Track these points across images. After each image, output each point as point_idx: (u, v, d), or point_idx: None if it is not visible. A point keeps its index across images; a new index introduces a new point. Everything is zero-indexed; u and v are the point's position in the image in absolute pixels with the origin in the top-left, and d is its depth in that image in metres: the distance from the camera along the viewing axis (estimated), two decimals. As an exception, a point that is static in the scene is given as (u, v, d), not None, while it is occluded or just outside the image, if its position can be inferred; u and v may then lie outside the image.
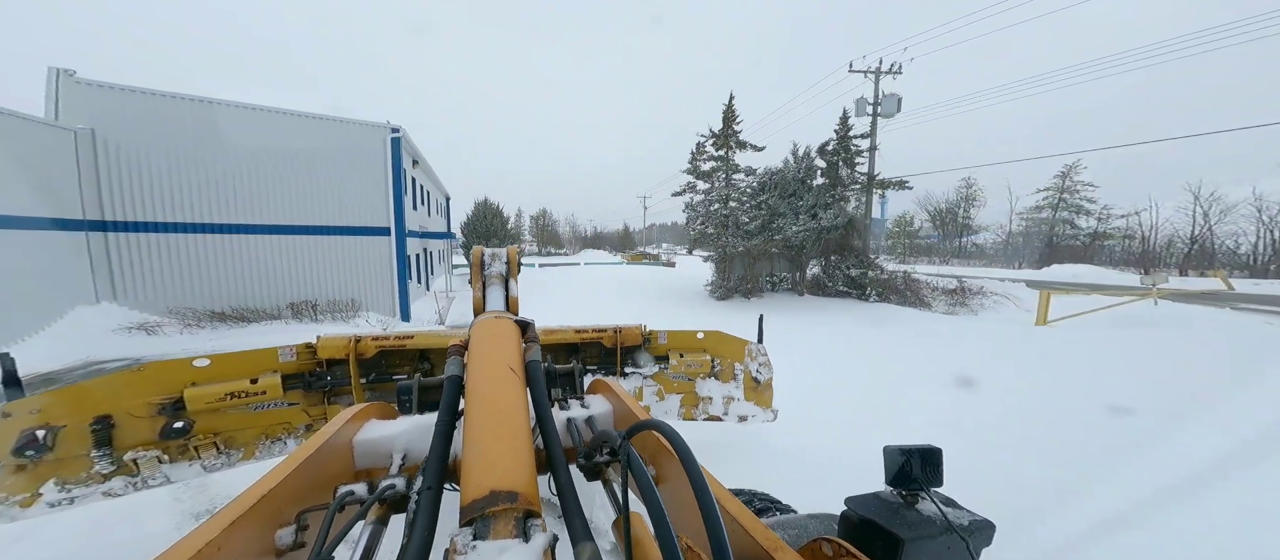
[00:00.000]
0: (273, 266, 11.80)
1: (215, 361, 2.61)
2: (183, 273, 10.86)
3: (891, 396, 6.09)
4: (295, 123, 11.89)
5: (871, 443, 1.26)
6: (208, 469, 2.59)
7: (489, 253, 3.03)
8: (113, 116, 9.95)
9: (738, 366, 3.56)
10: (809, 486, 2.42)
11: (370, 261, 13.35)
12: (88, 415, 2.30)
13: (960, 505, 0.90)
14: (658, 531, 0.63)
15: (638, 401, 1.43)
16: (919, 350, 8.80)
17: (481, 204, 34.48)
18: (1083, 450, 4.28)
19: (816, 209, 15.18)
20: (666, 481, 0.98)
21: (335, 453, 1.05)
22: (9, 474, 2.13)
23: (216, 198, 11.05)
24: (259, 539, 0.75)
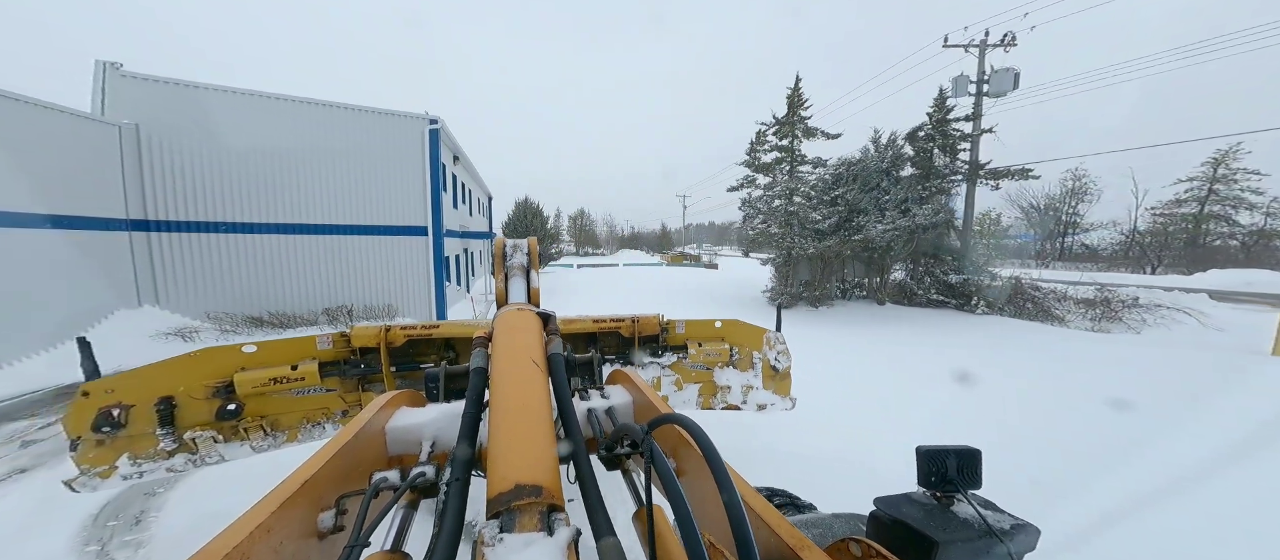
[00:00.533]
0: (308, 269, 11.27)
1: (261, 348, 2.74)
2: (220, 276, 10.47)
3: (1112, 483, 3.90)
4: (331, 114, 11.28)
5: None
6: (256, 449, 2.73)
7: (510, 244, 3.26)
8: (156, 111, 9.62)
9: (756, 355, 3.48)
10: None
11: (406, 263, 12.58)
12: (153, 396, 2.47)
13: (1000, 508, 0.84)
14: (681, 527, 0.61)
15: (656, 391, 1.40)
16: (1077, 384, 6.45)
17: (522, 203, 34.17)
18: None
19: (908, 203, 12.64)
20: (686, 475, 0.96)
21: (370, 439, 1.09)
22: (90, 448, 2.34)
23: (253, 196, 10.60)
24: (304, 521, 0.79)
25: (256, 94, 10.49)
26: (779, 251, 14.56)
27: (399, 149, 12.24)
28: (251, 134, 10.39)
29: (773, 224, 14.36)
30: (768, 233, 14.71)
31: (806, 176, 15.26)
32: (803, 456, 4.26)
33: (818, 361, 7.92)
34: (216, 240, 10.28)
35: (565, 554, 0.62)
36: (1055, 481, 3.94)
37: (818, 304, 14.86)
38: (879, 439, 4.71)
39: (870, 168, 13.16)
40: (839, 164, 13.91)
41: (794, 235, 13.96)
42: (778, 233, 14.07)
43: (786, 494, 1.95)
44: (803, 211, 13.98)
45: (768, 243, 14.99)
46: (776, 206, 15.23)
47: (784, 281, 15.30)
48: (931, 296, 13.52)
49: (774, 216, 14.82)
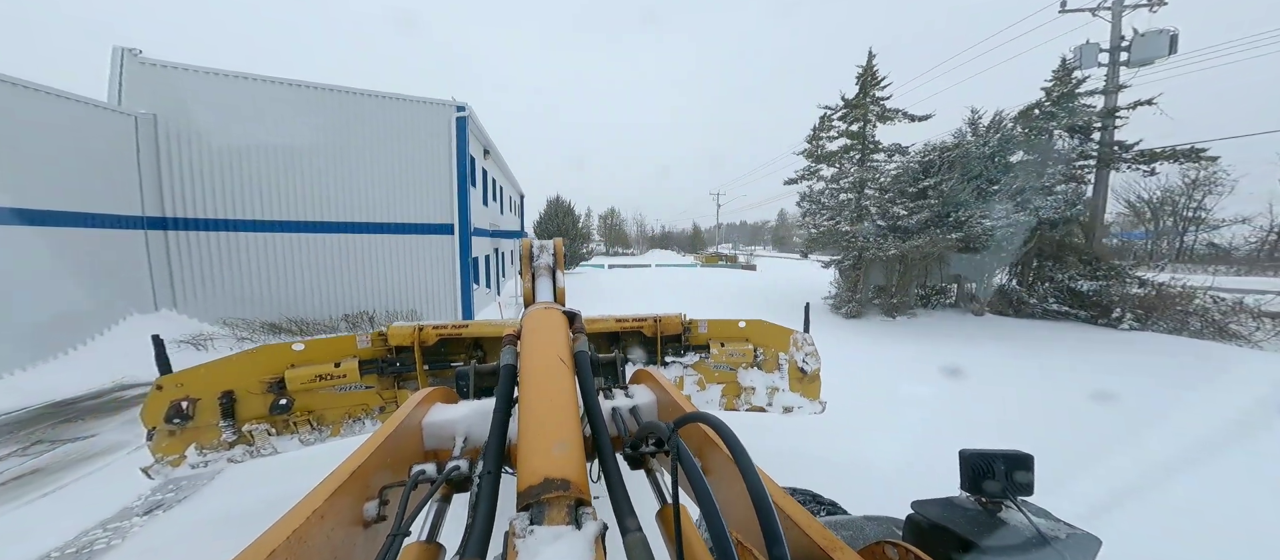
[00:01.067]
0: (326, 271, 10.39)
1: (308, 346, 2.87)
2: (236, 278, 9.68)
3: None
4: (353, 103, 10.36)
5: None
6: (304, 442, 2.88)
7: (537, 244, 3.46)
8: (175, 101, 8.93)
9: (782, 356, 3.37)
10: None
11: (430, 264, 11.53)
12: (217, 390, 2.66)
13: (1055, 516, 0.79)
14: (709, 524, 0.61)
15: (679, 390, 1.40)
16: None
17: (553, 202, 33.31)
18: None
19: (1026, 194, 10.18)
20: (711, 474, 0.96)
21: (408, 433, 1.14)
22: (164, 438, 2.56)
23: (270, 191, 9.74)
24: (351, 509, 0.82)
25: (277, 81, 9.71)
26: (848, 252, 12.39)
27: (424, 140, 11.20)
28: (271, 125, 9.62)
29: (842, 220, 12.21)
30: (835, 231, 12.57)
31: (881, 165, 12.97)
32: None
33: (911, 400, 6.11)
34: (233, 239, 9.56)
35: (592, 547, 0.64)
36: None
37: (895, 313, 12.55)
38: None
39: (972, 154, 10.76)
40: (929, 150, 11.57)
41: (869, 233, 11.76)
42: (849, 231, 11.91)
43: (807, 492, 1.86)
44: (880, 205, 11.75)
45: (834, 242, 12.84)
46: (845, 200, 13.04)
47: (851, 286, 13.08)
48: (1049, 306, 10.93)
49: (843, 212, 12.65)
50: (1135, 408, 5.77)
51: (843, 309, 13.01)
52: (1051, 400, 6.06)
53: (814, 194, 13.84)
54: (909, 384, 6.96)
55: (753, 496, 0.59)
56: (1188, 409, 5.79)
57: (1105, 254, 10.90)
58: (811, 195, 13.85)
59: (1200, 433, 4.98)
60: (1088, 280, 10.36)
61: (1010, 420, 5.43)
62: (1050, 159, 10.91)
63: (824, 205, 13.29)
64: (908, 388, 6.77)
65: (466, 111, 11.66)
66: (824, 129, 13.90)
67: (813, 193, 13.89)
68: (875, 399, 6.13)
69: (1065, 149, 10.90)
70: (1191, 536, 3.16)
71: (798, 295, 17.99)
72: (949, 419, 5.52)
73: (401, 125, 10.93)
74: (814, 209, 13.70)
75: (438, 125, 11.35)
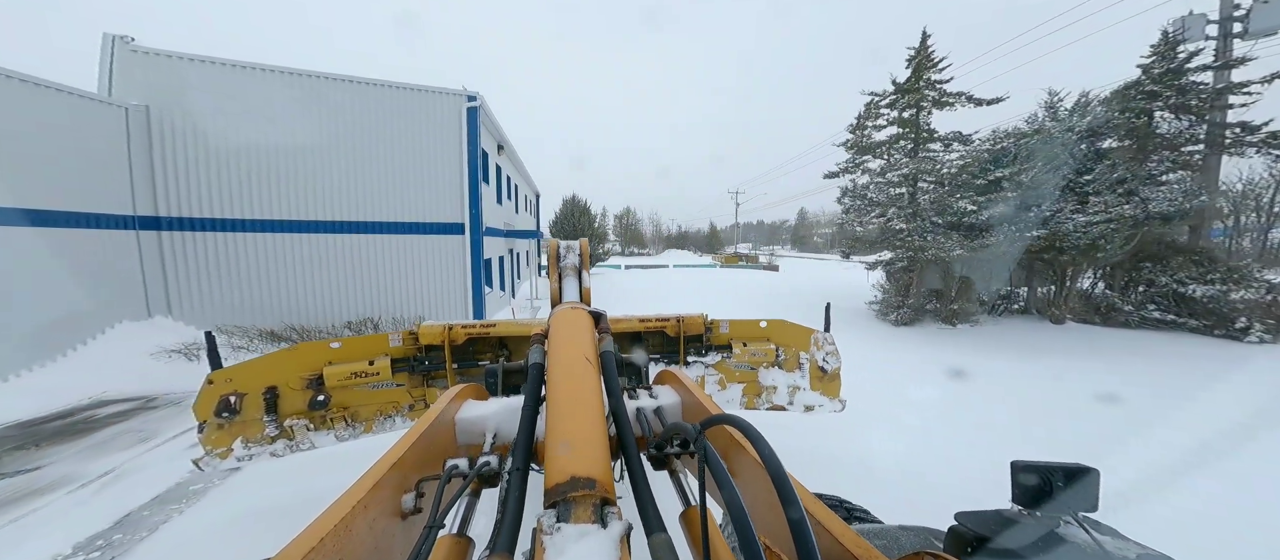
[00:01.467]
0: (330, 274, 9.64)
1: (345, 344, 2.94)
2: (235, 282, 8.96)
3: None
4: (357, 93, 9.59)
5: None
6: (339, 438, 2.95)
7: (563, 245, 3.48)
8: (168, 91, 8.21)
9: (803, 356, 3.37)
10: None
11: (440, 266, 10.69)
12: (262, 385, 2.75)
13: (1123, 534, 0.75)
14: (737, 528, 0.60)
15: (702, 390, 1.36)
16: None
17: (569, 201, 32.54)
18: None
19: (1129, 184, 8.65)
20: (737, 478, 0.93)
21: (442, 428, 1.16)
22: (213, 431, 2.65)
23: (269, 188, 8.96)
24: (391, 501, 0.84)
25: (277, 70, 8.99)
26: (901, 252, 10.97)
27: (433, 132, 10.36)
28: (270, 117, 8.92)
29: (896, 217, 10.81)
30: (886, 229, 11.16)
31: (938, 156, 11.49)
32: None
33: (999, 441, 4.76)
34: (230, 240, 8.88)
35: (617, 547, 0.64)
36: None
37: (955, 320, 11.07)
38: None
39: (1056, 140, 9.23)
40: (1000, 137, 10.06)
41: (924, 231, 10.33)
42: (903, 228, 10.50)
43: (835, 498, 1.78)
44: (939, 200, 10.31)
45: (885, 241, 11.43)
46: (897, 195, 11.61)
47: (903, 290, 11.65)
48: (1147, 314, 9.32)
49: (895, 207, 11.24)
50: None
51: (892, 315, 11.59)
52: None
53: (858, 189, 12.43)
54: (1051, 420, 5.40)
55: (783, 501, 0.56)
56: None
57: (1217, 254, 9.23)
58: (855, 190, 12.44)
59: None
60: (1199, 284, 8.71)
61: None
62: (1152, 144, 9.29)
63: (871, 201, 11.87)
64: (1044, 428, 5.25)
65: (478, 102, 10.78)
66: (870, 117, 12.48)
67: (857, 187, 12.48)
68: (991, 441, 4.81)
69: (1171, 132, 9.25)
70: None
71: (832, 299, 16.52)
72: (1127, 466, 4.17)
73: (409, 117, 10.12)
74: (859, 205, 12.30)
75: (447, 116, 10.50)
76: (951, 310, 11.09)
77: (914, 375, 7.50)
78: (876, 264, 12.43)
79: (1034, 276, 11.48)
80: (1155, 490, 3.76)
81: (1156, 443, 4.77)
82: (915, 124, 11.69)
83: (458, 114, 10.58)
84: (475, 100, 10.79)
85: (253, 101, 8.84)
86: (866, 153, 12.60)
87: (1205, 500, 3.54)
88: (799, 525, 0.55)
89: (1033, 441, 4.89)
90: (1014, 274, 11.18)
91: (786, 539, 0.56)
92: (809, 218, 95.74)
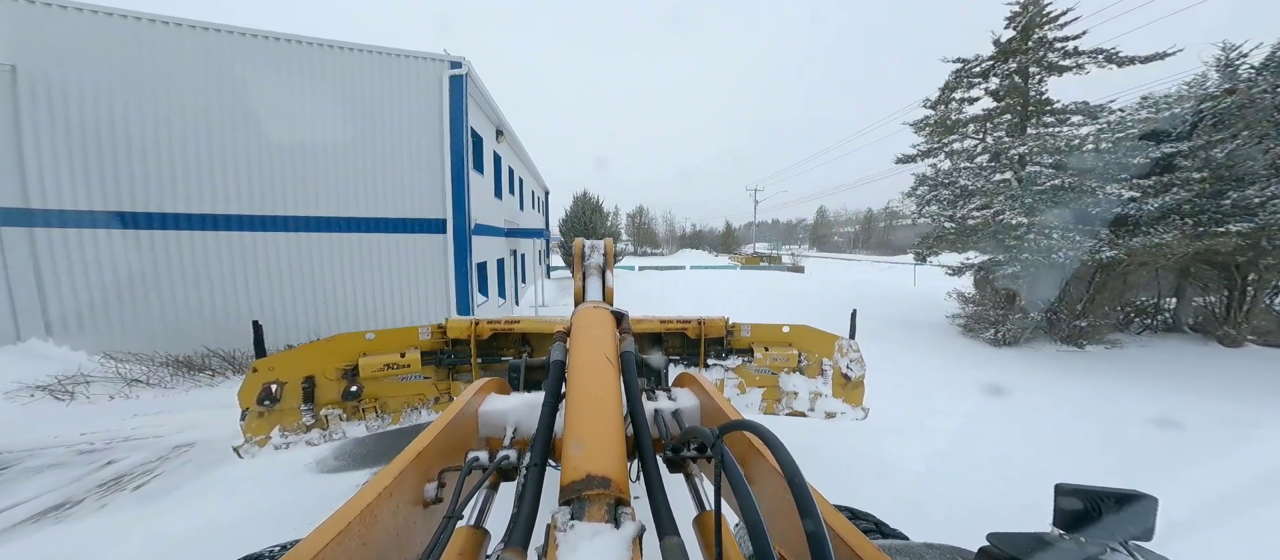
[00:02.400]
0: (265, 283, 7.52)
1: (378, 336, 3.00)
2: (138, 294, 6.81)
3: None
4: (301, 56, 7.48)
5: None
6: (370, 429, 2.99)
7: (588, 245, 3.66)
8: (45, 49, 6.16)
9: (826, 362, 3.31)
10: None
11: (413, 272, 8.48)
12: (300, 375, 2.81)
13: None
14: (752, 535, 0.58)
15: (721, 393, 1.39)
16: None
17: (580, 198, 30.37)
18: None
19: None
20: (754, 485, 0.92)
21: (465, 420, 1.20)
22: (254, 419, 2.72)
23: (187, 175, 6.86)
24: (414, 489, 0.89)
25: (196, 25, 6.94)
26: (1014, 253, 8.31)
27: (405, 106, 8.15)
28: (188, 85, 6.87)
29: (1008, 208, 8.15)
30: (995, 223, 8.49)
31: (1057, 132, 8.76)
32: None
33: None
34: (129, 240, 6.81)
35: (629, 547, 0.64)
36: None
37: (1081, 340, 8.39)
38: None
39: (1259, 104, 6.48)
40: (1180, 97, 7.28)
41: (1047, 227, 7.66)
42: (1024, 223, 7.84)
43: (871, 518, 1.72)
44: (1076, 185, 7.63)
45: (989, 238, 8.77)
46: (1001, 182, 8.92)
47: (1004, 301, 9.00)
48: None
49: (1003, 197, 8.56)
50: None
51: (991, 332, 8.94)
52: None
53: (942, 176, 9.78)
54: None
55: (801, 511, 0.55)
56: None
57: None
58: (938, 177, 9.80)
59: None
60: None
61: None
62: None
63: (964, 190, 9.21)
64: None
65: (464, 69, 8.51)
66: (961, 84, 9.78)
67: (939, 174, 9.84)
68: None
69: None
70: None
71: (883, 307, 13.78)
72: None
73: (374, 87, 7.94)
74: (947, 196, 9.64)
75: (423, 86, 8.26)
76: (1078, 327, 8.40)
77: (1088, 430, 4.93)
78: (964, 269, 9.81)
79: (1188, 284, 8.68)
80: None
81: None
82: (1024, 93, 9.01)
83: (437, 84, 8.34)
84: (460, 67, 8.52)
85: (162, 64, 6.74)
86: (951, 133, 9.94)
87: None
88: (816, 537, 0.53)
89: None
90: (1165, 282, 8.40)
91: (803, 550, 0.55)
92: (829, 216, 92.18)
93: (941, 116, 9.91)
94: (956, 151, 9.87)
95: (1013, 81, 9.00)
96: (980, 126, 9.69)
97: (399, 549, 0.79)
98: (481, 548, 0.80)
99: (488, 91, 9.81)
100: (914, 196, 10.27)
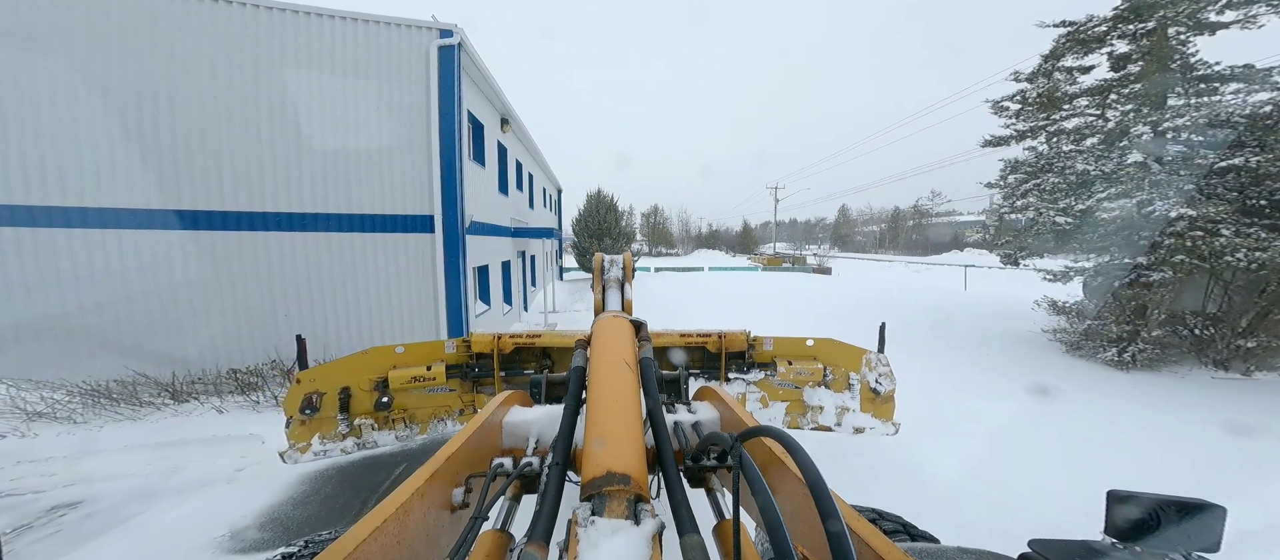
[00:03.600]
0: (207, 291, 6.23)
1: (407, 349, 3.15)
2: (47, 305, 5.48)
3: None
4: (259, 21, 6.21)
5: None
6: (399, 439, 3.15)
7: (608, 259, 3.75)
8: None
9: (853, 377, 3.28)
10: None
11: (395, 278, 7.10)
12: (337, 386, 3.00)
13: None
14: (774, 541, 0.57)
15: (743, 406, 1.37)
16: None
17: (594, 196, 28.95)
18: None
19: None
20: (776, 494, 0.88)
21: (491, 430, 1.25)
22: (297, 426, 2.95)
23: (108, 161, 5.57)
24: (443, 493, 0.93)
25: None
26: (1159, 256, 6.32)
27: (385, 83, 6.80)
28: (124, 49, 5.68)
29: (1159, 196, 6.17)
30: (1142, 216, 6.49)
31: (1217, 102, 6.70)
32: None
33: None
34: (42, 238, 5.60)
35: (649, 543, 0.64)
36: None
37: (1251, 365, 6.37)
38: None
39: None
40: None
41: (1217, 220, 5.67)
42: (1191, 216, 5.87)
43: (898, 520, 1.65)
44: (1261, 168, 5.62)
45: (1113, 236, 6.79)
46: (1126, 172, 6.90)
47: (1133, 314, 7.02)
48: None
49: (1142, 183, 6.57)
50: None
51: (1113, 351, 7.00)
52: None
53: (1042, 160, 7.81)
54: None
55: (822, 514, 0.55)
56: None
57: None
58: (1038, 162, 7.83)
59: None
60: None
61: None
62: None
63: (1082, 177, 7.21)
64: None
65: (456, 38, 7.08)
66: (1070, 50, 7.77)
67: (1040, 158, 7.87)
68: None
69: None
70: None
71: (937, 315, 11.77)
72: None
73: (347, 59, 6.61)
74: (1057, 183, 7.64)
75: (407, 58, 6.88)
76: (1242, 349, 6.38)
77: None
78: (1071, 273, 7.81)
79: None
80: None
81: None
82: (1161, 55, 6.97)
83: (423, 56, 6.95)
84: (452, 36, 7.09)
85: (96, 24, 5.54)
86: (1056, 108, 7.92)
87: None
88: (838, 538, 0.52)
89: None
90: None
91: (825, 554, 0.54)
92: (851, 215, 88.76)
93: (1048, 89, 7.89)
94: (1066, 130, 7.86)
95: (1154, 41, 6.95)
96: (1097, 102, 7.67)
97: (428, 550, 0.84)
98: (506, 550, 0.81)
99: (488, 71, 8.36)
100: (1003, 186, 8.32)
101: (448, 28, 7.09)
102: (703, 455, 1.07)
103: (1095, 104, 7.75)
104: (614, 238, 28.48)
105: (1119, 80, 7.51)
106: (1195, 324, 6.63)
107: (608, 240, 28.12)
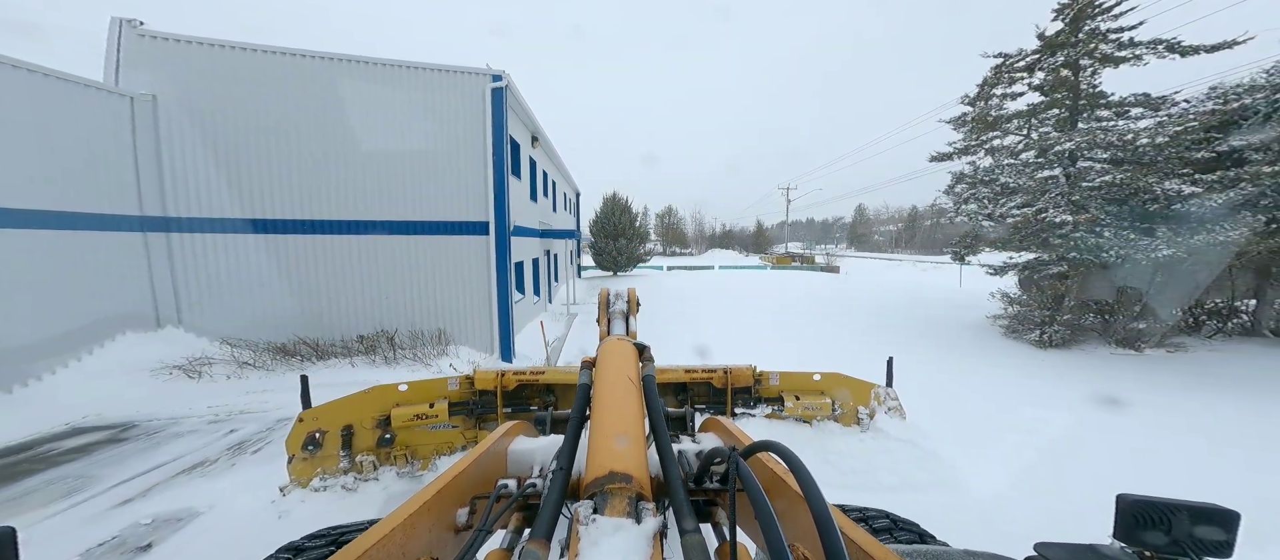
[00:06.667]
0: (341, 281, 8.46)
1: (411, 387, 3.21)
2: (244, 290, 8.03)
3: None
4: (372, 75, 8.47)
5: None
6: (400, 475, 3.13)
7: (613, 294, 3.80)
8: (179, 80, 7.39)
9: (862, 410, 3.26)
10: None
11: (460, 271, 9.35)
12: (341, 423, 3.02)
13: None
14: (768, 538, 0.58)
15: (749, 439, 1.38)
16: None
17: (610, 199, 30.96)
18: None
19: None
20: (781, 518, 0.85)
21: (495, 456, 1.26)
22: (299, 463, 2.94)
23: (285, 185, 8.00)
24: (446, 513, 0.94)
25: (297, 53, 8.09)
26: (1059, 250, 7.97)
27: (452, 118, 9.03)
28: (285, 106, 8.06)
29: (1052, 206, 7.84)
30: (1039, 222, 8.19)
31: (1111, 126, 8.28)
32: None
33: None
34: (240, 242, 8.06)
35: (650, 542, 0.64)
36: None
37: (1139, 343, 7.91)
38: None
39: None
40: (1253, 86, 6.79)
41: (1097, 224, 7.31)
42: (1069, 221, 7.53)
43: (887, 515, 1.63)
44: (1129, 182, 7.25)
45: (1033, 238, 8.46)
46: (1047, 179, 8.56)
47: (1052, 302, 8.62)
48: None
49: (1050, 194, 8.23)
50: None
51: (1036, 333, 8.61)
52: None
53: (981, 174, 9.47)
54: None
55: (819, 528, 0.54)
56: None
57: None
58: (977, 175, 9.50)
59: None
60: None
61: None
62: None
63: (1006, 188, 8.90)
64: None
65: (504, 81, 9.27)
66: (999, 82, 9.44)
67: (979, 172, 9.53)
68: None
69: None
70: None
71: (921, 309, 13.32)
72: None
73: (425, 100, 8.87)
74: (986, 194, 9.35)
75: (468, 99, 9.11)
76: (1134, 329, 7.92)
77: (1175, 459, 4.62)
78: (1007, 268, 9.44)
79: (1270, 285, 7.97)
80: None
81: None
82: (1073, 86, 8.55)
83: (480, 96, 9.16)
84: (501, 80, 9.30)
85: (266, 90, 7.96)
86: (991, 129, 9.58)
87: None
88: (832, 547, 0.52)
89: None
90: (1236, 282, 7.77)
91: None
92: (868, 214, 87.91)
93: (981, 113, 9.57)
94: (997, 148, 9.50)
95: (1060, 76, 8.58)
96: (1024, 122, 9.28)
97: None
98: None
99: (525, 101, 10.59)
100: (952, 194, 9.97)
101: (498, 73, 9.31)
102: (706, 475, 1.04)
103: (1021, 125, 9.34)
104: (629, 238, 30.29)
105: (1041, 106, 9.08)
106: (1098, 309, 8.13)
107: (623, 240, 29.99)
